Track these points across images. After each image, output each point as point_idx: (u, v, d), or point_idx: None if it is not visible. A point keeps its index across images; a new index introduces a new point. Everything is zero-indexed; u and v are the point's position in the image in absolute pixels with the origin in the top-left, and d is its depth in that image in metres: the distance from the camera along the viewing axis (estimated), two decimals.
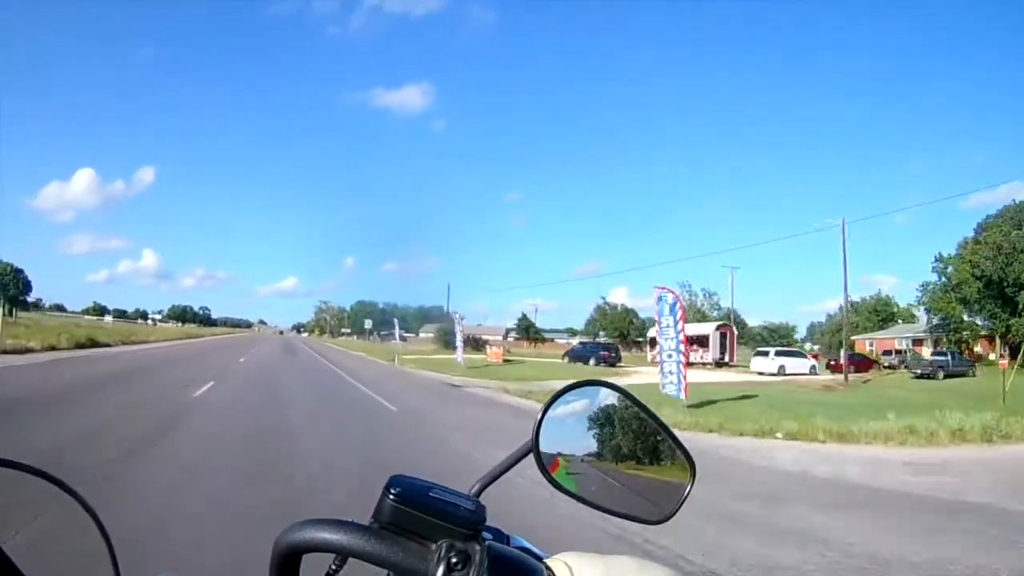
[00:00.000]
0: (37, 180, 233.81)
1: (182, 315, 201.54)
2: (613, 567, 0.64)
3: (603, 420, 0.82)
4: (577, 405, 0.81)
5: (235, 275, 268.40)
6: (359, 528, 0.66)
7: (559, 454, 0.78)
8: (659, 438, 0.84)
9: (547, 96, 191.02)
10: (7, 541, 0.72)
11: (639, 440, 0.82)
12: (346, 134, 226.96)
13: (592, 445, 0.80)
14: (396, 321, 58.25)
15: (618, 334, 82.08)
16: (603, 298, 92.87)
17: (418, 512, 0.66)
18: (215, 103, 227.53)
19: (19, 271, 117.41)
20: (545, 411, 0.79)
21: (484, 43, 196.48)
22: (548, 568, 0.64)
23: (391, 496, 0.67)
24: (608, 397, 0.82)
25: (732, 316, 69.21)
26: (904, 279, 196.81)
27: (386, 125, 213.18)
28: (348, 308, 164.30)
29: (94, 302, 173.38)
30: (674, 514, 0.79)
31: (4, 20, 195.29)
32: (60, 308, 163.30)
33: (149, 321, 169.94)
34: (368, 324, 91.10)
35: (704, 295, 78.64)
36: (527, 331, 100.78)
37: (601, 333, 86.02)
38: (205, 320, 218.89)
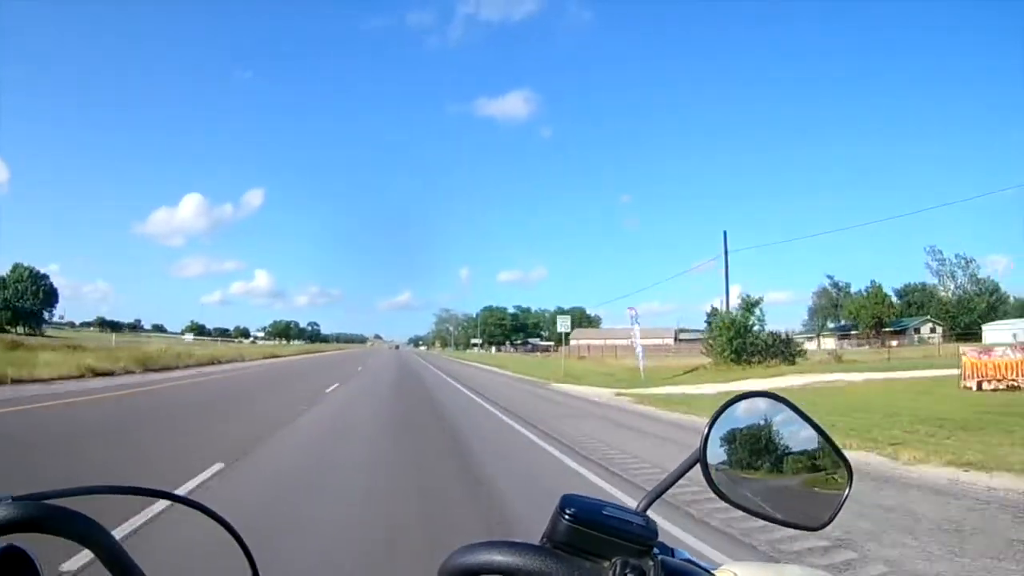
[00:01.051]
0: (145, 206, 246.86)
1: (285, 332, 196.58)
2: None
3: (764, 430, 0.85)
4: (741, 416, 0.84)
5: (349, 291, 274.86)
6: (533, 549, 0.67)
7: (723, 464, 0.82)
8: (816, 445, 0.86)
9: (651, 93, 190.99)
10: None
11: (797, 448, 0.85)
12: (453, 145, 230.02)
13: (754, 454, 0.83)
14: (566, 321, 39.63)
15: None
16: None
17: (592, 531, 0.67)
18: (318, 121, 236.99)
19: (42, 277, 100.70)
20: (712, 424, 0.81)
21: (582, 43, 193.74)
22: None
23: (566, 516, 0.68)
24: (770, 407, 0.85)
25: None
26: None
27: (492, 134, 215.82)
28: (474, 315, 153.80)
29: (191, 321, 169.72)
30: (832, 519, 0.82)
31: (106, 55, 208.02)
32: (134, 327, 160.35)
33: (250, 339, 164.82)
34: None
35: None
36: None
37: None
38: (313, 336, 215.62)
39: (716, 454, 0.81)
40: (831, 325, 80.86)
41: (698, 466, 0.80)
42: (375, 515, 5.44)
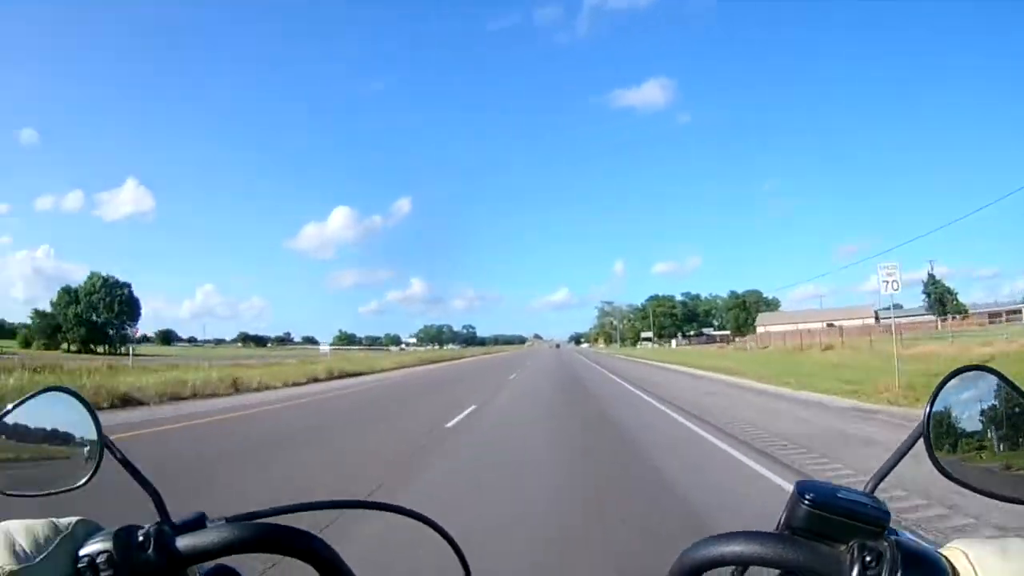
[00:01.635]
0: (295, 223, 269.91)
1: (437, 336, 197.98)
2: (1009, 550, 0.63)
3: (986, 404, 0.81)
4: (960, 391, 0.81)
5: (505, 293, 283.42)
6: (773, 537, 0.67)
7: (946, 440, 0.80)
8: None
9: (793, 69, 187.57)
10: None
11: (1014, 421, 0.80)
12: (594, 138, 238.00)
13: (975, 429, 0.80)
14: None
15: None
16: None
17: (830, 514, 0.67)
18: (457, 124, 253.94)
19: (122, 286, 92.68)
20: (933, 399, 0.79)
21: (714, 22, 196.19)
22: (945, 557, 0.64)
23: (805, 501, 0.68)
24: (988, 381, 0.81)
25: None
26: None
27: (631, 124, 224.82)
28: (639, 306, 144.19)
29: (340, 331, 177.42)
30: None
31: (244, 79, 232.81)
32: (283, 340, 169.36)
33: (399, 347, 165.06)
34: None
35: None
36: None
37: None
38: (469, 340, 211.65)
39: (937, 430, 0.79)
40: None
41: (921, 444, 0.78)
42: None
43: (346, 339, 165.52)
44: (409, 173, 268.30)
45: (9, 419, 0.82)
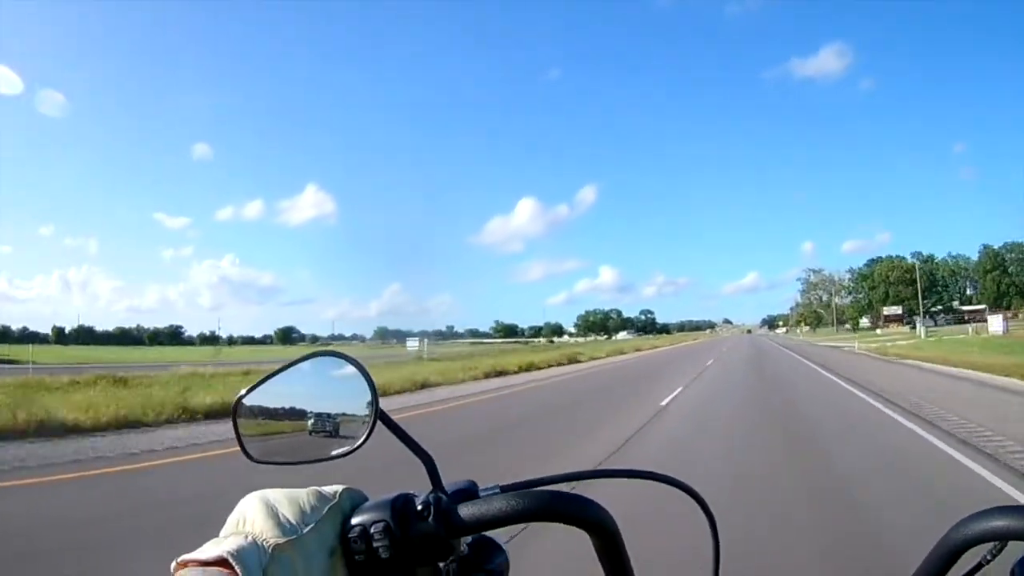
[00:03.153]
0: (480, 216, 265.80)
1: (603, 325, 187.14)
2: None
3: None
4: None
5: (696, 279, 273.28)
6: None
7: None
8: None
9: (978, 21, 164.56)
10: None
11: None
12: (775, 111, 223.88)
13: None
14: None
15: None
16: None
17: None
18: (634, 108, 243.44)
19: None
20: None
21: None
22: None
23: None
24: None
25: None
26: None
27: (812, 94, 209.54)
28: (850, 273, 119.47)
29: (496, 321, 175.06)
30: None
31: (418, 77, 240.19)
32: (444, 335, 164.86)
33: (561, 337, 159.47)
34: None
35: None
36: None
37: None
38: (646, 327, 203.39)
39: None
40: None
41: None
42: None
43: (504, 331, 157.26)
44: (591, 161, 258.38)
45: (273, 383, 0.80)
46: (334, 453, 0.78)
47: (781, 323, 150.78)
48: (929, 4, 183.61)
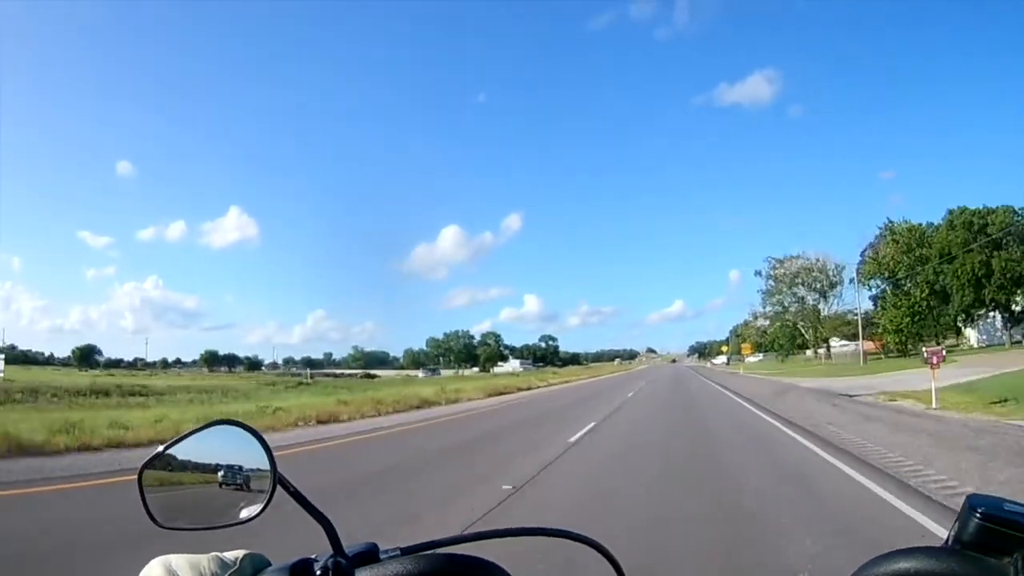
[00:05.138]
0: (404, 243, 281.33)
1: (468, 354, 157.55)
2: None
3: None
4: None
5: (621, 307, 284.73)
6: (945, 552, 0.71)
7: None
8: None
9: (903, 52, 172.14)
10: None
11: None
12: (703, 137, 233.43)
13: None
14: None
15: None
16: None
17: (1000, 527, 0.69)
18: (561, 132, 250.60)
19: None
20: None
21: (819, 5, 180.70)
22: None
23: (977, 516, 0.70)
24: None
25: None
26: None
27: (737, 121, 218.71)
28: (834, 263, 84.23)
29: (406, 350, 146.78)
30: None
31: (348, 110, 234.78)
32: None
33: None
34: None
35: None
36: None
37: None
38: (547, 356, 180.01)
39: None
40: None
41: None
42: None
43: (362, 359, 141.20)
44: (517, 188, 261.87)
45: (177, 451, 0.83)
46: (241, 517, 0.81)
47: (724, 348, 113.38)
48: (858, 31, 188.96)
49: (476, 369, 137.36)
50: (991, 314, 61.15)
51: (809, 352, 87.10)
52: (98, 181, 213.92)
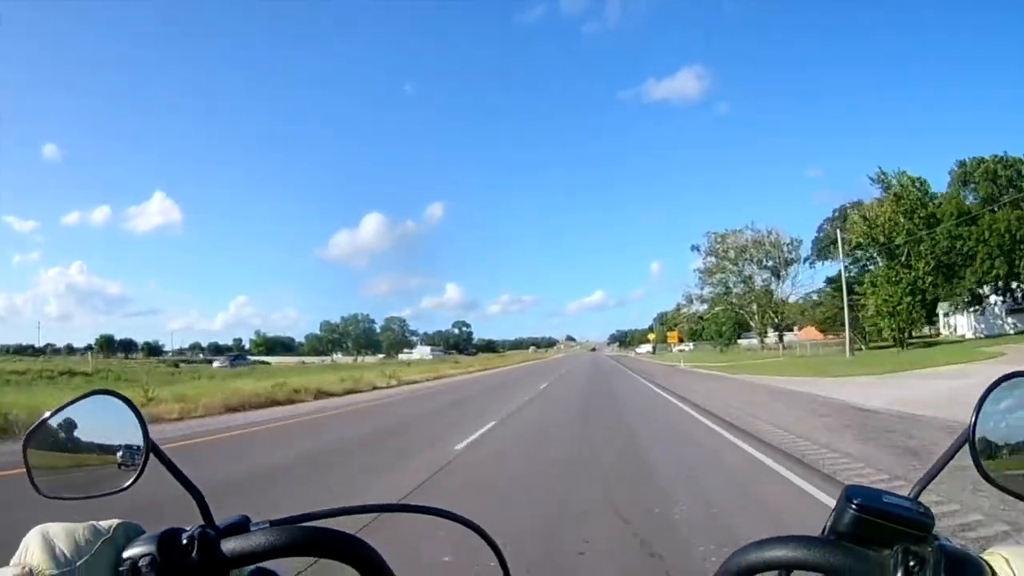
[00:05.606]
0: (326, 230, 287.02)
1: (367, 339, 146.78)
2: None
3: None
4: (1004, 397, 0.85)
5: (542, 296, 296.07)
6: (820, 542, 0.70)
7: (991, 446, 0.81)
8: None
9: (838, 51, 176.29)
10: None
11: None
12: (628, 133, 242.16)
13: (1018, 435, 0.82)
14: None
15: None
16: None
17: (877, 519, 0.70)
18: (489, 124, 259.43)
19: None
20: (980, 405, 0.81)
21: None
22: (987, 563, 0.66)
23: (853, 506, 0.70)
24: None
25: None
26: None
27: (665, 117, 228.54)
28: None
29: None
30: None
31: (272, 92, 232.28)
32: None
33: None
34: None
35: None
36: None
37: None
38: (461, 343, 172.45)
39: (982, 436, 0.82)
40: None
41: (966, 449, 0.83)
42: None
43: (264, 344, 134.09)
44: (441, 177, 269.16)
45: (54, 421, 0.84)
46: (119, 486, 0.82)
47: (651, 336, 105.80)
48: (785, 32, 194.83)
49: (381, 356, 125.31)
50: (992, 297, 50.84)
51: (753, 341, 78.92)
52: (24, 165, 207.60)
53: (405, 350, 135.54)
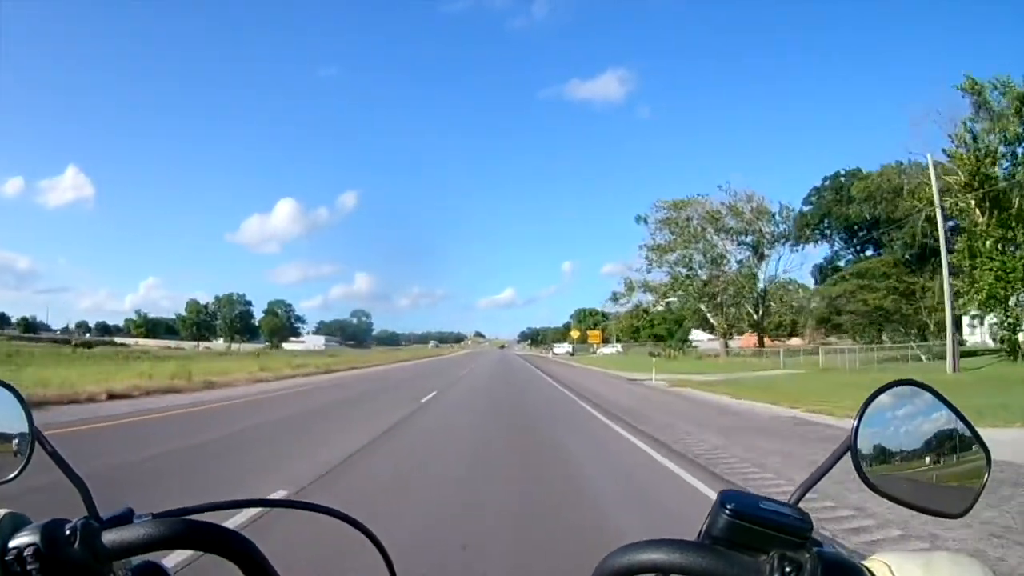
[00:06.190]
0: (237, 214, 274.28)
1: (244, 323, 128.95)
2: (932, 564, 0.65)
3: (910, 417, 0.86)
4: (886, 405, 0.85)
5: (453, 291, 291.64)
6: (693, 546, 0.69)
7: (871, 453, 0.83)
8: (957, 430, 0.86)
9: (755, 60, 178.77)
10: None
11: (939, 434, 0.85)
12: (547, 132, 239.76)
13: (898, 442, 0.84)
14: None
15: None
16: None
17: (751, 524, 0.69)
18: (406, 115, 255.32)
19: None
20: (861, 413, 0.83)
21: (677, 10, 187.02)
22: (868, 569, 0.67)
23: (727, 511, 0.70)
24: (913, 394, 0.86)
25: None
26: None
27: (587, 118, 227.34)
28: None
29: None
30: (972, 506, 0.81)
31: (184, 59, 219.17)
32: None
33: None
34: None
35: None
36: None
37: None
38: (358, 334, 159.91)
39: (864, 443, 0.82)
40: None
41: (848, 456, 0.81)
42: None
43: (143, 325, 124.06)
44: (356, 165, 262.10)
45: None
46: (5, 477, 0.84)
47: (574, 333, 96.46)
48: (708, 38, 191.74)
49: (264, 345, 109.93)
50: None
51: (707, 342, 66.17)
52: None
53: (292, 339, 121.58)
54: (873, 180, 44.28)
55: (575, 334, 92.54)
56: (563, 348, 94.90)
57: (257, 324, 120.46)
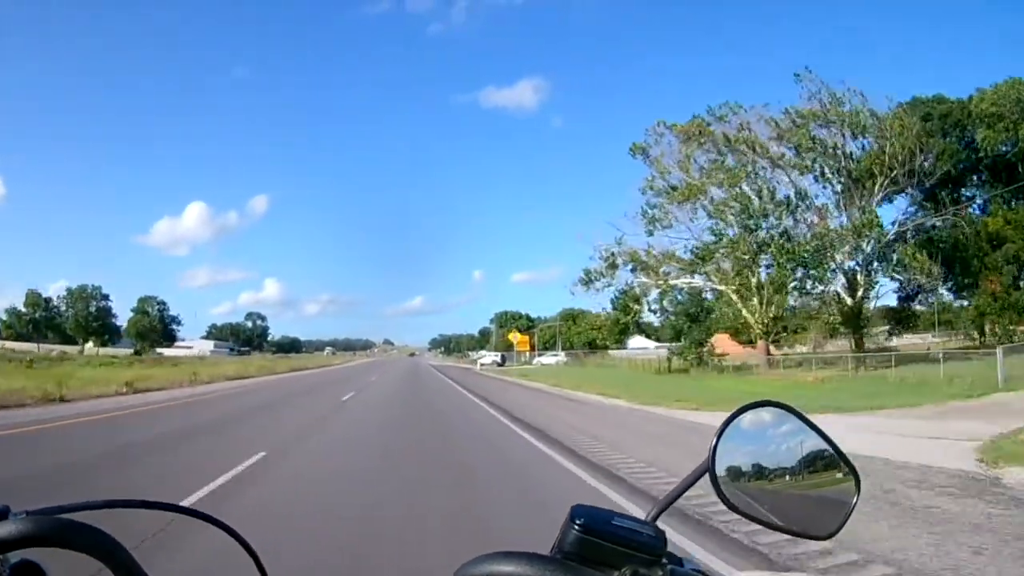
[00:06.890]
0: (147, 216, 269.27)
1: (102, 325, 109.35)
2: None
3: (772, 439, 0.87)
4: (748, 426, 0.86)
5: (362, 298, 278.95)
6: (543, 559, 0.69)
7: (731, 474, 0.83)
8: (824, 453, 0.88)
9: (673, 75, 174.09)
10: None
11: (805, 457, 0.86)
12: (460, 140, 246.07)
13: (762, 464, 0.85)
14: None
15: None
16: None
17: (602, 540, 0.70)
18: (318, 119, 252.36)
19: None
20: (720, 434, 0.84)
21: (593, 22, 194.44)
22: None
23: (576, 526, 0.70)
24: (777, 416, 0.87)
25: None
26: None
27: (501, 126, 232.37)
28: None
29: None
30: (841, 528, 0.83)
31: (95, 57, 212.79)
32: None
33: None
34: None
35: None
36: None
37: None
38: (251, 341, 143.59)
39: (725, 464, 0.83)
40: None
41: (707, 477, 0.81)
42: None
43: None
44: (267, 169, 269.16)
45: None
46: None
47: (521, 338, 75.83)
48: (620, 51, 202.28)
49: (130, 351, 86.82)
50: None
51: (652, 350, 48.81)
52: None
53: (177, 343, 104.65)
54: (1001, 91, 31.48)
55: (521, 338, 73.64)
56: (489, 358, 73.33)
57: (119, 325, 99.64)
